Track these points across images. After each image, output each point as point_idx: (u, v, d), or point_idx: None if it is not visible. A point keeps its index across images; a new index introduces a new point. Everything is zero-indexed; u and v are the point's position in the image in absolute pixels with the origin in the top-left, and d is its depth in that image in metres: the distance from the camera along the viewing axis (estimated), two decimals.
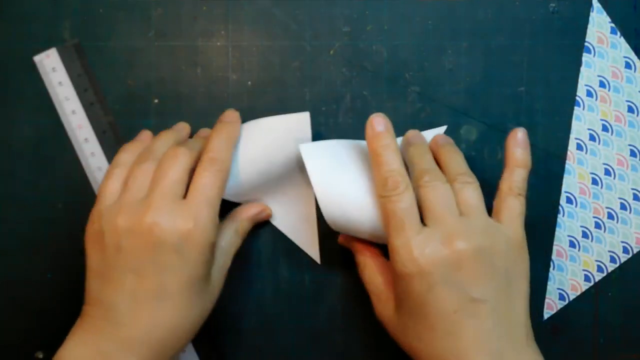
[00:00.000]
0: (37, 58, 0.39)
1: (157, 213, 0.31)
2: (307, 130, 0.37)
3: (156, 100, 0.40)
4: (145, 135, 0.38)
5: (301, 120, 0.37)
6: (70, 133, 0.39)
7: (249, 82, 0.40)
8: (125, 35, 0.40)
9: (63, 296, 0.40)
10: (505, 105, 0.40)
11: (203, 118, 0.40)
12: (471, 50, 0.40)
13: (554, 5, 0.40)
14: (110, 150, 0.39)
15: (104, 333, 0.31)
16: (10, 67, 0.40)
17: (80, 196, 0.40)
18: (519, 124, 0.40)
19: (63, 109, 0.39)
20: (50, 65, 0.39)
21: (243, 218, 0.37)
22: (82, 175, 0.40)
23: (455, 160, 0.35)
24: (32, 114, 0.40)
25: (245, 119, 0.40)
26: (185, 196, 0.33)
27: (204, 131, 0.39)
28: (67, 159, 0.40)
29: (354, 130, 0.40)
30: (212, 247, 0.33)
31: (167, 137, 0.36)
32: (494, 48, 0.40)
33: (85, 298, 0.33)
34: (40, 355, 0.32)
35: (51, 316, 0.40)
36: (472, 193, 0.33)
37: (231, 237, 0.36)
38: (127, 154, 0.35)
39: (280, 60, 0.40)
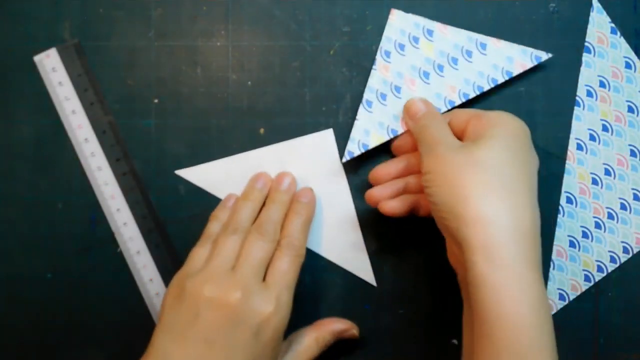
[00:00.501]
0: (37, 58, 0.39)
1: (244, 292, 0.32)
2: (333, 146, 0.39)
3: (156, 100, 0.40)
4: (231, 199, 0.39)
5: (326, 137, 0.38)
6: (70, 133, 0.39)
7: (249, 82, 0.40)
8: (125, 35, 0.40)
9: (63, 296, 0.40)
10: (505, 105, 0.40)
11: (203, 118, 0.40)
12: None
13: (554, 5, 0.40)
14: (110, 150, 0.39)
15: None
16: (10, 67, 0.40)
17: (80, 196, 0.40)
18: None
19: (63, 109, 0.39)
20: (50, 65, 0.39)
21: (327, 330, 0.38)
22: (82, 175, 0.40)
23: None
24: (32, 114, 0.40)
25: (245, 118, 0.40)
26: (265, 277, 0.34)
27: (283, 181, 0.39)
28: (67, 159, 0.40)
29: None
30: (284, 331, 0.34)
31: (251, 206, 0.37)
32: None
33: (147, 349, 0.33)
34: None
35: (51, 316, 0.40)
36: None
37: (309, 344, 0.36)
38: (217, 222, 0.37)
39: (280, 60, 0.40)
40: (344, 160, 0.38)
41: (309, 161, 0.39)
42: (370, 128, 0.38)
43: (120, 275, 0.40)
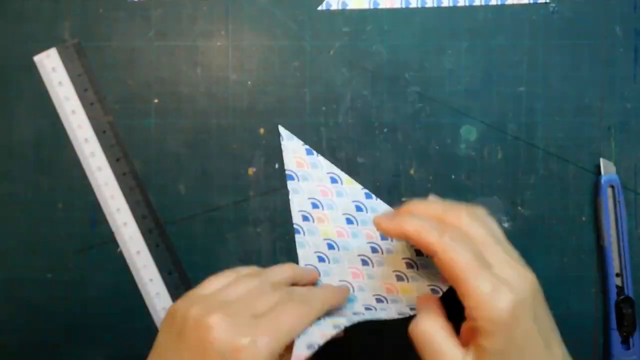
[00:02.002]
0: (37, 58, 0.39)
1: (224, 319, 0.30)
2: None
3: (156, 100, 0.40)
4: (290, 268, 0.36)
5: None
6: (70, 133, 0.39)
7: (249, 82, 0.40)
8: (125, 35, 0.40)
9: (63, 296, 0.40)
10: (505, 105, 0.40)
11: (203, 118, 0.40)
12: (471, 50, 0.40)
13: (554, 5, 0.40)
14: (110, 150, 0.39)
15: None
16: (10, 67, 0.40)
17: (80, 196, 0.40)
18: (519, 124, 0.40)
19: (63, 108, 0.39)
20: (50, 65, 0.39)
21: None
22: (82, 175, 0.40)
23: None
24: (32, 114, 0.40)
25: (245, 118, 0.40)
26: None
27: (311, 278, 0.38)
28: (67, 159, 0.40)
29: (354, 130, 0.40)
30: None
31: (289, 277, 0.35)
32: (494, 48, 0.40)
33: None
34: None
35: (51, 316, 0.40)
36: None
37: None
38: (249, 270, 0.35)
39: (280, 60, 0.40)
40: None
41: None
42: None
43: (120, 275, 0.40)
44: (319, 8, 0.40)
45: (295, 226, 0.40)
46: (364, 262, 0.39)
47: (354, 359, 0.40)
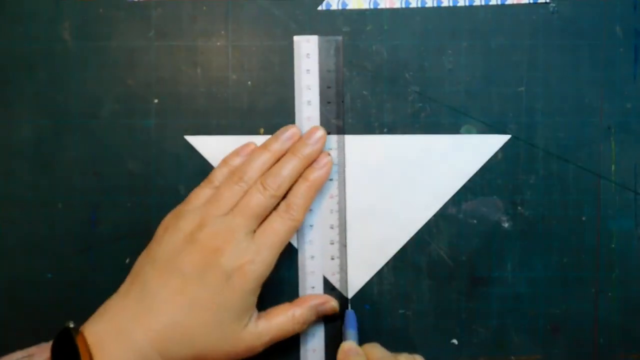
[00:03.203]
0: (297, 38, 0.39)
1: (226, 238, 0.34)
2: None
3: (156, 100, 0.40)
4: (249, 148, 0.38)
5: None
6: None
7: (249, 82, 0.40)
8: (125, 35, 0.40)
9: (63, 296, 0.40)
10: (505, 105, 0.40)
11: (203, 118, 0.40)
12: (471, 50, 0.40)
13: (554, 5, 0.40)
14: None
15: (134, 316, 0.33)
16: (10, 67, 0.40)
17: (80, 196, 0.40)
18: (519, 124, 0.40)
19: (299, 97, 0.39)
20: (306, 50, 0.39)
21: (305, 306, 0.37)
22: (82, 175, 0.40)
23: None
24: (32, 114, 0.40)
25: (245, 118, 0.40)
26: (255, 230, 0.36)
27: (313, 134, 0.38)
28: (67, 159, 0.40)
29: (354, 130, 0.40)
30: (258, 288, 0.35)
31: (265, 159, 0.37)
32: (494, 48, 0.40)
33: (130, 273, 0.35)
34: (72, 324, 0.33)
35: (51, 316, 0.40)
36: None
37: (284, 318, 0.36)
38: (225, 168, 0.38)
39: (280, 60, 0.40)
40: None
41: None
42: None
43: (120, 275, 0.40)
44: (319, 8, 0.40)
45: None
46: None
47: None
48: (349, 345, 0.36)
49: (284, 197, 0.37)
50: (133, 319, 0.33)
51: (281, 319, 0.36)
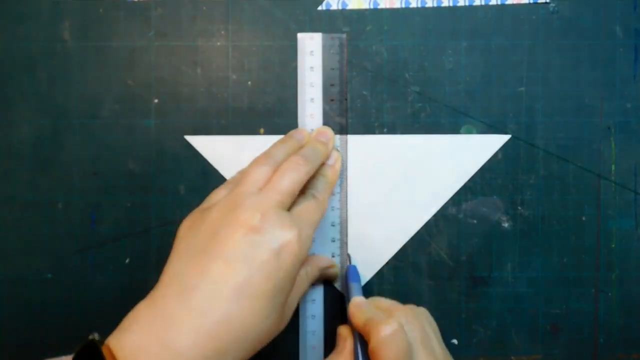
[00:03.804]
0: (300, 35, 0.39)
1: (266, 215, 0.31)
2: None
3: (156, 100, 0.40)
4: (304, 133, 0.38)
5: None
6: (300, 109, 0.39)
7: (249, 82, 0.40)
8: (125, 35, 0.40)
9: (63, 296, 0.40)
10: (505, 105, 0.40)
11: (203, 118, 0.40)
12: (471, 50, 0.40)
13: (554, 5, 0.40)
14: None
15: (174, 320, 0.28)
16: (10, 67, 0.40)
17: (80, 196, 0.40)
18: (519, 124, 0.40)
19: (302, 95, 0.39)
20: (310, 47, 0.39)
21: (313, 265, 0.37)
22: (82, 175, 0.40)
23: None
24: (32, 114, 0.40)
25: (245, 118, 0.40)
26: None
27: (324, 134, 0.38)
28: (67, 159, 0.40)
29: (354, 130, 0.40)
30: (301, 263, 0.32)
31: (287, 146, 0.36)
32: (494, 48, 0.40)
33: (160, 280, 0.31)
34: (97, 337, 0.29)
35: (51, 316, 0.40)
36: None
37: (301, 277, 0.36)
38: (239, 174, 0.36)
39: (280, 60, 0.40)
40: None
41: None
42: None
43: (121, 275, 0.40)
44: (319, 8, 0.40)
45: None
46: None
47: None
48: (358, 299, 0.36)
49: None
50: (173, 325, 0.28)
51: (300, 281, 0.35)
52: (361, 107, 0.40)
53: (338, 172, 0.38)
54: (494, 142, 0.40)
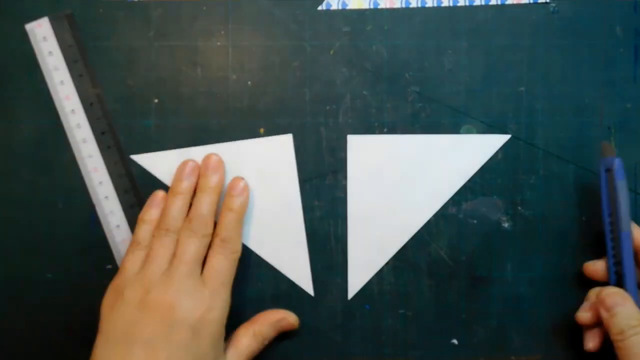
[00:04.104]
0: (28, 26, 0.39)
1: (179, 293, 0.33)
2: (291, 152, 0.39)
3: (156, 100, 0.40)
4: (159, 197, 0.38)
5: (285, 142, 0.39)
6: (57, 104, 0.39)
7: (249, 82, 0.40)
8: (125, 35, 0.40)
9: (63, 296, 0.40)
10: (505, 105, 0.40)
11: (203, 118, 0.40)
12: (471, 50, 0.40)
13: (554, 5, 0.40)
14: (97, 123, 0.39)
15: None
16: (10, 67, 0.40)
17: (80, 196, 0.40)
18: (519, 124, 0.40)
19: (52, 78, 0.39)
20: (42, 34, 0.39)
21: (263, 322, 0.38)
22: (82, 175, 0.40)
23: None
24: (32, 114, 0.40)
25: (245, 118, 0.40)
26: (201, 272, 0.35)
27: (210, 166, 0.38)
28: (67, 159, 0.40)
29: (354, 130, 0.40)
30: (224, 330, 0.35)
31: (181, 203, 0.37)
32: (494, 48, 0.40)
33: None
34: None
35: (51, 316, 0.40)
36: None
37: (248, 341, 0.37)
38: (145, 225, 0.37)
39: (280, 60, 0.40)
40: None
41: (264, 163, 0.39)
42: None
43: None
44: (319, 8, 0.40)
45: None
46: None
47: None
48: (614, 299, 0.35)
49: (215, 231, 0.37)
50: None
51: (246, 341, 0.37)
52: (361, 107, 0.40)
53: (246, 203, 0.38)
54: (494, 142, 0.40)
